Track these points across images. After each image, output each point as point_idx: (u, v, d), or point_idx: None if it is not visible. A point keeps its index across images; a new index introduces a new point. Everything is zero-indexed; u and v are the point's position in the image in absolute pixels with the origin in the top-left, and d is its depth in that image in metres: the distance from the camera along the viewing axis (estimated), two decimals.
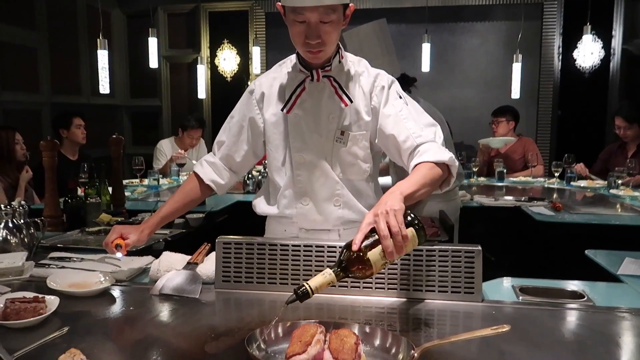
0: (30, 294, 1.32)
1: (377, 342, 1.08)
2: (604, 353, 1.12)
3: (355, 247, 1.10)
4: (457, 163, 1.44)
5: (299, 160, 1.62)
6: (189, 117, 4.93)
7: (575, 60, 5.90)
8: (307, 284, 1.08)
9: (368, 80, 1.59)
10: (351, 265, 1.11)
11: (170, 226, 2.50)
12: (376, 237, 1.12)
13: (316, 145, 1.60)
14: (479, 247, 1.41)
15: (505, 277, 1.62)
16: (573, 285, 1.55)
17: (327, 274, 1.10)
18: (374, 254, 1.11)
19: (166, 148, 4.89)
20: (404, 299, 1.41)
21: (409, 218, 1.17)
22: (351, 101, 1.57)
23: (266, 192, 1.76)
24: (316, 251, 1.47)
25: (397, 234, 1.10)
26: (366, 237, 1.12)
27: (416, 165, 1.41)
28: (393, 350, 1.05)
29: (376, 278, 1.44)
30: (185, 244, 2.00)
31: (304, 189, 1.63)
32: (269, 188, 1.74)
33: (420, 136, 1.48)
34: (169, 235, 2.27)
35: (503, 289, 1.54)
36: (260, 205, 1.75)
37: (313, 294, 1.08)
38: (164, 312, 1.36)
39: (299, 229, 1.68)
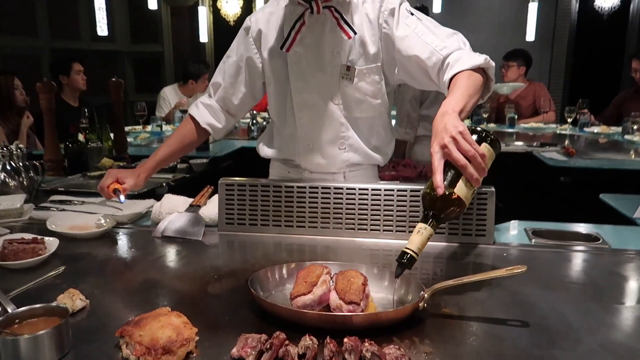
0: (29, 236, 1.29)
1: (385, 284, 1.04)
2: (620, 295, 1.08)
3: (440, 192, 0.99)
4: (493, 63, 1.28)
5: (301, 101, 1.52)
6: (196, 64, 4.76)
7: (594, 1, 5.63)
8: (408, 248, 0.99)
9: (373, 6, 1.45)
10: (442, 210, 1.01)
11: (174, 171, 2.46)
12: (453, 170, 1.01)
13: (319, 85, 1.49)
14: (492, 188, 1.35)
15: (516, 221, 1.58)
16: (587, 228, 1.50)
17: (423, 229, 1.00)
18: (460, 189, 1.00)
19: (170, 95, 4.78)
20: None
21: (475, 134, 1.04)
22: (355, 32, 1.43)
23: (269, 134, 1.69)
24: (322, 192, 1.42)
25: (474, 157, 0.99)
26: (444, 174, 1.01)
27: (452, 78, 1.26)
28: (402, 291, 1.01)
29: (384, 220, 1.40)
30: (188, 189, 1.96)
31: (307, 132, 1.54)
32: (272, 130, 1.67)
33: (445, 47, 1.32)
34: (171, 180, 2.23)
35: (515, 232, 1.49)
36: (263, 148, 1.69)
37: (418, 255, 0.99)
38: (166, 254, 1.33)
39: (303, 171, 1.62)
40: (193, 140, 1.65)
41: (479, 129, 1.07)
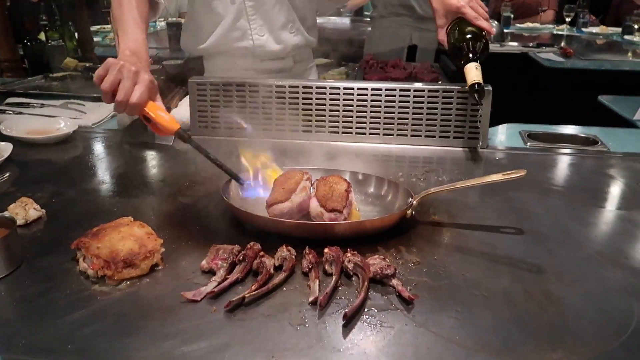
0: None
1: (370, 190, 0.97)
2: (621, 200, 1.03)
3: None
4: None
5: None
6: None
7: None
8: (475, 80, 1.13)
9: None
10: (483, 46, 1.18)
11: None
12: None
13: None
14: (489, 87, 1.24)
15: (510, 123, 1.49)
16: (585, 131, 1.41)
17: (477, 65, 1.15)
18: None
19: None
20: (401, 146, 1.28)
21: None
22: None
23: (197, 31, 1.50)
24: (303, 92, 1.30)
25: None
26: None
27: None
28: (389, 198, 0.94)
29: (370, 123, 1.30)
30: (160, 93, 1.82)
31: (258, 18, 1.44)
32: (202, 25, 1.48)
33: None
34: None
35: (509, 135, 1.41)
36: (198, 45, 1.49)
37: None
38: (133, 160, 1.23)
39: (253, 61, 1.50)
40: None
41: None
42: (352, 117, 1.30)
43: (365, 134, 1.30)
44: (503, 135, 1.41)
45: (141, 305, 0.67)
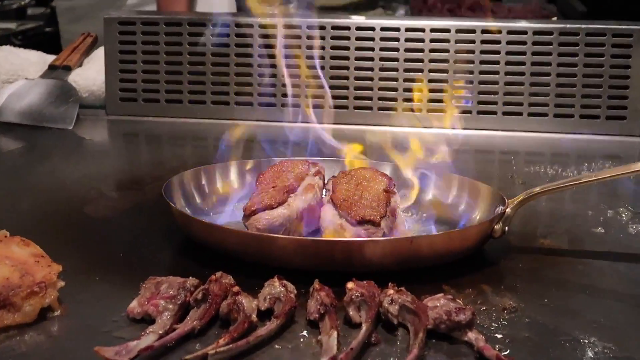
0: None
1: (430, 195, 1.02)
2: None
3: None
4: None
5: None
6: None
7: None
8: None
9: None
10: None
11: (22, 16, 2.41)
12: None
13: None
14: None
15: None
16: None
17: None
18: None
19: None
20: (486, 132, 1.34)
21: None
22: None
23: None
24: (308, 36, 1.38)
25: None
26: None
27: None
28: (462, 207, 0.99)
29: (431, 91, 1.36)
30: (51, 46, 1.93)
31: None
32: None
33: None
34: (15, 32, 2.18)
35: None
36: None
37: None
38: (6, 154, 1.32)
39: None
40: None
41: None
42: (396, 80, 1.37)
43: (421, 110, 1.36)
44: None
45: None
